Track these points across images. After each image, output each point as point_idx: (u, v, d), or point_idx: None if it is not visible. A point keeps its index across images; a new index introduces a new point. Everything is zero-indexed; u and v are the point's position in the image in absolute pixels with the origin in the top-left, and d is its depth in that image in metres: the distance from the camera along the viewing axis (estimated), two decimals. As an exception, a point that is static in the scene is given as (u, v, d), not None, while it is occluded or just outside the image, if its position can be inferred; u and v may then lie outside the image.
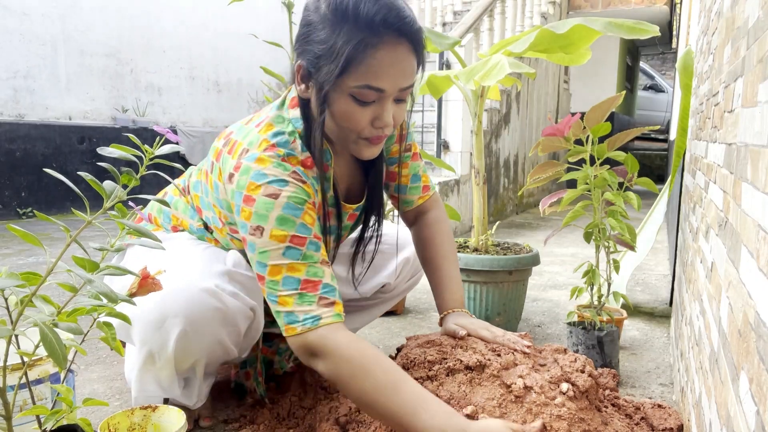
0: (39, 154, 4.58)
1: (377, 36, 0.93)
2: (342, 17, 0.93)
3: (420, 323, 2.02)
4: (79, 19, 4.89)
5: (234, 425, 1.23)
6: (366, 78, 0.94)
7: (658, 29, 1.62)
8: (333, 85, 0.96)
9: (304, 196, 1.00)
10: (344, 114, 0.99)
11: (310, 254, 0.97)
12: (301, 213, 0.98)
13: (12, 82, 4.52)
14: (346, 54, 0.92)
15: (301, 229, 0.98)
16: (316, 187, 1.07)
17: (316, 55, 0.97)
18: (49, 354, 0.60)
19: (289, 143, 1.04)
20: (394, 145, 1.26)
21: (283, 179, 0.99)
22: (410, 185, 1.30)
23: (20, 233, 0.68)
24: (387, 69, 0.95)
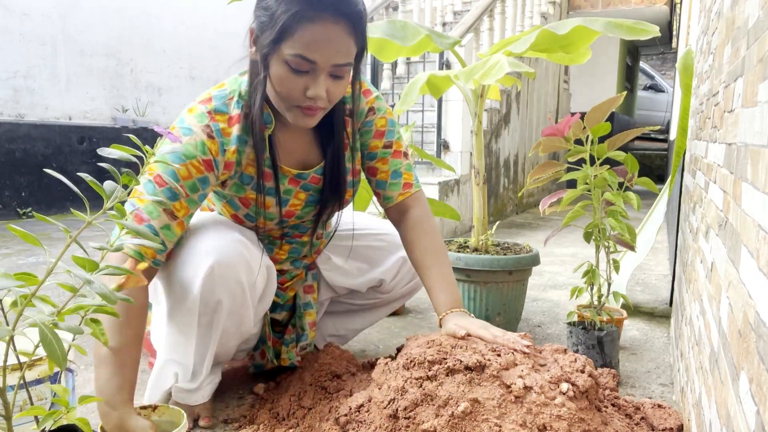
0: (39, 154, 4.58)
1: (314, 11, 1.00)
2: None
3: (420, 323, 2.02)
4: (79, 19, 4.89)
5: (234, 425, 1.23)
6: (300, 48, 1.01)
7: (658, 29, 1.62)
8: (271, 51, 1.04)
9: (196, 151, 1.09)
10: (279, 79, 1.06)
11: (160, 197, 1.06)
12: (180, 163, 1.07)
13: (12, 82, 4.52)
14: (282, 22, 1.00)
15: (168, 174, 1.07)
16: (232, 146, 1.14)
17: (261, 20, 1.05)
18: (48, 354, 0.60)
19: (225, 99, 1.14)
20: (373, 140, 1.30)
21: (191, 128, 1.10)
22: (390, 181, 1.33)
23: (20, 233, 0.68)
24: (321, 43, 1.02)
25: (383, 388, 1.08)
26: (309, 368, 1.34)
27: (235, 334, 1.25)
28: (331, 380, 1.28)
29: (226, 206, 1.26)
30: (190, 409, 1.24)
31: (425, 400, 1.03)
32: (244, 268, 1.16)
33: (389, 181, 1.33)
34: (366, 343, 1.79)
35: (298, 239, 1.37)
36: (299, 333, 1.45)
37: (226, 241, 1.15)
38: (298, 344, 1.45)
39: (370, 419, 1.06)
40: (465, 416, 0.98)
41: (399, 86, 4.92)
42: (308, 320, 1.46)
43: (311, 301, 1.47)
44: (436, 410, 1.01)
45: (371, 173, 1.34)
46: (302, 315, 1.45)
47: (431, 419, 0.99)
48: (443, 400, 1.01)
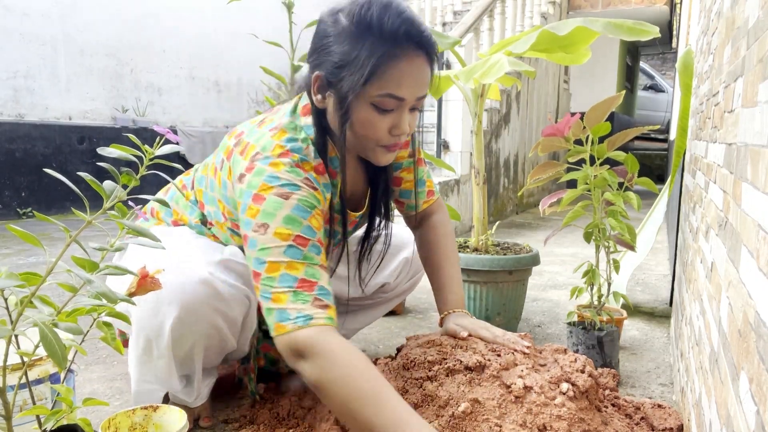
0: (39, 154, 4.58)
1: (399, 48, 0.97)
2: (366, 30, 0.97)
3: (420, 323, 2.02)
4: (79, 19, 4.89)
5: (234, 425, 1.23)
6: (388, 87, 0.99)
7: (658, 30, 1.62)
8: (356, 94, 0.99)
9: (314, 201, 1.02)
10: (365, 122, 1.02)
11: (310, 256, 0.98)
12: (309, 216, 1.00)
13: (12, 82, 4.52)
14: (371, 64, 0.96)
15: (307, 231, 0.99)
16: (326, 194, 1.09)
17: (336, 65, 1.00)
18: (48, 354, 0.60)
19: (302, 149, 1.06)
20: (401, 150, 1.28)
21: (296, 184, 1.01)
22: (415, 190, 1.33)
23: (20, 233, 0.68)
24: (407, 79, 0.99)
25: (383, 388, 1.08)
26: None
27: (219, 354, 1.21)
28: (331, 380, 1.28)
29: None
30: (189, 409, 1.24)
31: (425, 400, 1.03)
32: (213, 310, 1.09)
33: (415, 191, 1.33)
34: (366, 343, 1.79)
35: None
36: None
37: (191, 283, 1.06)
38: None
39: (370, 419, 1.06)
40: (465, 416, 0.98)
41: (399, 86, 4.91)
42: None
43: None
44: (436, 411, 1.01)
45: (396, 183, 1.33)
46: None
47: (432, 419, 0.99)
48: (443, 401, 1.01)
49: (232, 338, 1.19)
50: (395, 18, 0.97)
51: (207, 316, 1.09)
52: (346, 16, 0.99)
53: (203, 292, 1.07)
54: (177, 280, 1.06)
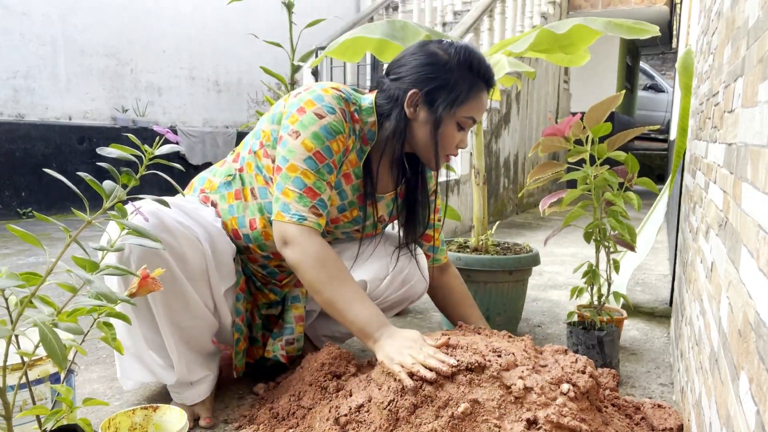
0: (39, 154, 4.58)
1: (483, 83, 1.30)
2: (468, 68, 1.27)
3: (420, 323, 2.02)
4: (79, 19, 4.89)
5: (234, 425, 1.23)
6: (473, 112, 1.29)
7: (657, 29, 1.62)
8: (450, 111, 1.26)
9: (341, 128, 1.24)
10: (447, 135, 1.29)
11: (322, 172, 1.22)
12: (332, 139, 1.23)
13: (12, 82, 4.52)
14: (465, 92, 1.26)
15: (326, 151, 1.22)
16: (351, 135, 1.29)
17: (436, 88, 1.26)
18: (48, 354, 0.60)
19: (352, 97, 1.31)
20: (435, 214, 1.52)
21: (333, 108, 1.24)
22: (441, 247, 1.56)
23: (19, 233, 0.68)
24: (482, 108, 1.31)
25: (383, 389, 1.08)
26: (309, 368, 1.34)
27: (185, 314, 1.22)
28: (331, 380, 1.28)
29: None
30: (189, 409, 1.24)
31: (425, 401, 1.03)
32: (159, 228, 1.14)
33: (440, 248, 1.56)
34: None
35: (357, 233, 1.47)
36: (283, 327, 1.46)
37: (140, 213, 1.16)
38: (284, 338, 1.45)
39: (370, 419, 1.06)
40: (465, 417, 0.98)
41: (399, 86, 4.91)
42: (294, 314, 1.46)
43: (299, 294, 1.48)
44: (436, 411, 1.01)
45: (426, 240, 1.53)
46: (288, 308, 1.47)
47: (431, 420, 0.99)
48: (443, 401, 1.01)
49: (191, 288, 1.20)
50: (485, 65, 1.30)
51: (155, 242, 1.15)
52: (449, 54, 1.27)
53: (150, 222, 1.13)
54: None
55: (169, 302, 1.19)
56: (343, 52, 1.93)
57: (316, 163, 1.21)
